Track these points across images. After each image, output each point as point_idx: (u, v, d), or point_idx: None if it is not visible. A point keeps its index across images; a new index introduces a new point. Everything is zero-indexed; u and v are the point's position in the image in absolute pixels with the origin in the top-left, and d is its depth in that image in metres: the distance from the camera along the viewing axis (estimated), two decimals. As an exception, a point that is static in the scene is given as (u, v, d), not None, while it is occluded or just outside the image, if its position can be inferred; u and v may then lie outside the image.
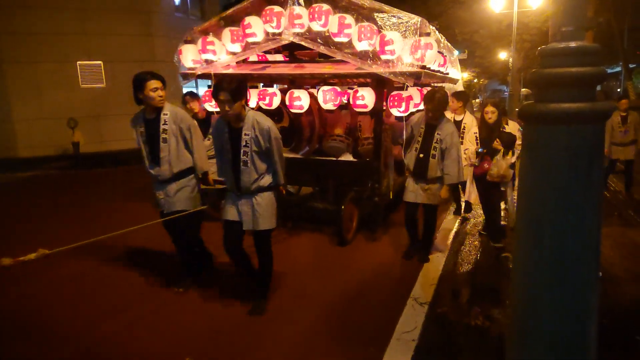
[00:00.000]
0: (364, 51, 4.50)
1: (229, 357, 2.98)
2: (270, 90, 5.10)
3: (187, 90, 6.49)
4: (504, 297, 3.68)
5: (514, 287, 1.77)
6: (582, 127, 1.51)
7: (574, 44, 1.52)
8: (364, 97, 4.64)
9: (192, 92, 5.23)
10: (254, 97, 5.27)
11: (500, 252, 4.71)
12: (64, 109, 12.58)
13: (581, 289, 1.58)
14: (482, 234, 5.34)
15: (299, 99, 4.97)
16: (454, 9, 17.78)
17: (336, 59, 4.74)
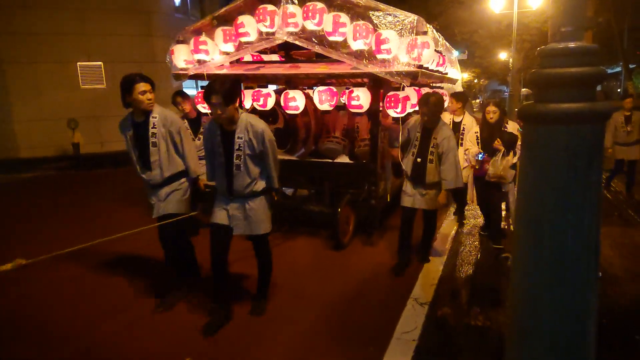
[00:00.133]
0: (359, 50, 4.33)
1: (229, 357, 2.95)
2: (264, 90, 4.94)
3: (188, 90, 6.34)
4: (504, 297, 3.60)
5: (513, 287, 1.76)
6: (581, 127, 1.51)
7: (573, 44, 1.52)
8: (359, 98, 4.48)
9: (183, 91, 5.07)
10: (249, 98, 5.12)
11: (500, 252, 4.65)
12: (64, 109, 12.45)
13: (581, 289, 1.58)
14: (481, 234, 5.21)
15: (294, 100, 4.80)
16: (453, 9, 17.58)
17: (332, 59, 4.57)
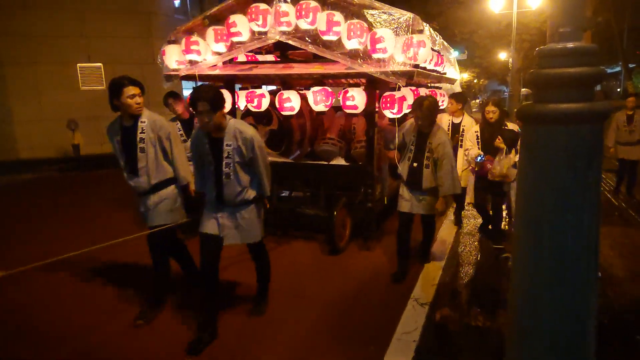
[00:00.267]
0: (354, 50, 4.16)
1: (229, 357, 2.91)
2: (258, 91, 4.76)
3: (188, 91, 6.17)
4: (504, 297, 3.50)
5: (513, 287, 1.75)
6: (580, 127, 1.49)
7: (572, 45, 1.50)
8: (354, 98, 4.31)
9: (175, 92, 4.90)
10: (242, 98, 4.95)
11: (500, 252, 4.58)
12: (64, 110, 12.27)
13: (580, 289, 1.57)
14: (481, 235, 5.09)
15: (288, 101, 4.64)
16: (453, 9, 17.41)
17: (327, 59, 4.40)
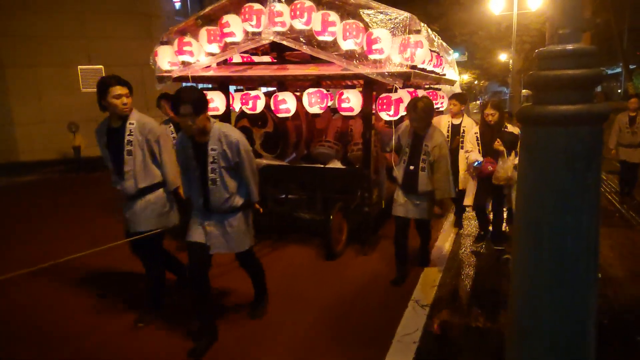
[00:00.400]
0: (350, 51, 4.01)
1: (229, 357, 2.90)
2: (253, 93, 4.61)
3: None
4: (504, 298, 3.42)
5: (513, 288, 1.74)
6: (579, 128, 1.48)
7: (571, 47, 1.49)
8: (350, 100, 4.15)
9: (168, 94, 4.75)
10: (237, 101, 4.81)
11: (501, 254, 4.53)
12: (64, 113, 12.16)
13: (580, 290, 1.56)
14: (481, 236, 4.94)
15: (284, 102, 4.48)
16: (453, 11, 17.23)
17: (324, 60, 4.25)
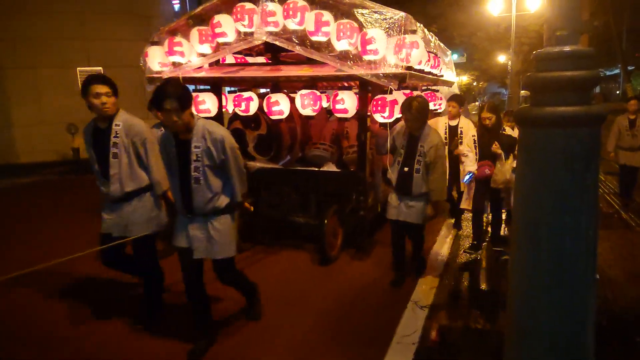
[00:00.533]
0: (344, 51, 3.86)
1: (228, 357, 2.87)
2: (245, 94, 4.46)
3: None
4: (504, 299, 3.28)
5: (512, 288, 1.73)
6: (578, 130, 1.46)
7: (569, 48, 1.49)
8: (344, 101, 4.01)
9: None
10: (231, 102, 4.66)
11: (500, 254, 4.48)
12: (63, 114, 12.03)
13: (579, 290, 1.55)
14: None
15: (277, 104, 4.33)
16: (452, 12, 17.09)
17: (318, 61, 4.10)
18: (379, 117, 3.96)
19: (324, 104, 5.71)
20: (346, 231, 4.58)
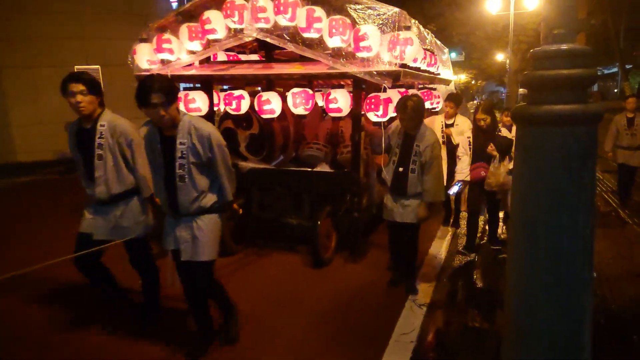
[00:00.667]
0: (336, 48, 3.70)
1: (227, 358, 2.82)
2: (236, 93, 4.29)
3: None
4: (502, 298, 3.20)
5: (510, 287, 1.72)
6: (575, 128, 1.45)
7: (566, 46, 1.47)
8: (337, 100, 3.84)
9: None
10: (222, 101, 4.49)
11: (497, 253, 4.43)
12: (62, 113, 11.70)
13: (576, 289, 1.54)
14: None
15: (268, 103, 4.15)
16: (450, 11, 16.92)
17: (311, 58, 3.94)
18: (373, 116, 3.79)
19: (320, 103, 5.55)
20: (340, 233, 4.42)
